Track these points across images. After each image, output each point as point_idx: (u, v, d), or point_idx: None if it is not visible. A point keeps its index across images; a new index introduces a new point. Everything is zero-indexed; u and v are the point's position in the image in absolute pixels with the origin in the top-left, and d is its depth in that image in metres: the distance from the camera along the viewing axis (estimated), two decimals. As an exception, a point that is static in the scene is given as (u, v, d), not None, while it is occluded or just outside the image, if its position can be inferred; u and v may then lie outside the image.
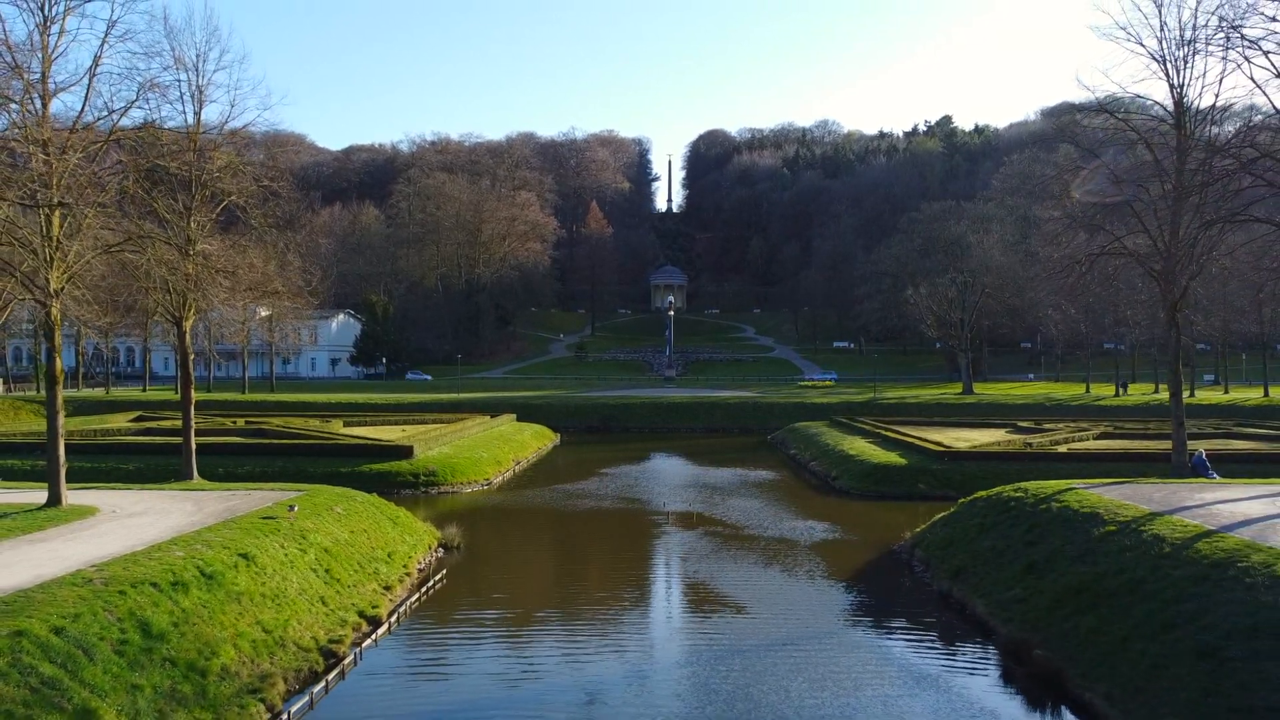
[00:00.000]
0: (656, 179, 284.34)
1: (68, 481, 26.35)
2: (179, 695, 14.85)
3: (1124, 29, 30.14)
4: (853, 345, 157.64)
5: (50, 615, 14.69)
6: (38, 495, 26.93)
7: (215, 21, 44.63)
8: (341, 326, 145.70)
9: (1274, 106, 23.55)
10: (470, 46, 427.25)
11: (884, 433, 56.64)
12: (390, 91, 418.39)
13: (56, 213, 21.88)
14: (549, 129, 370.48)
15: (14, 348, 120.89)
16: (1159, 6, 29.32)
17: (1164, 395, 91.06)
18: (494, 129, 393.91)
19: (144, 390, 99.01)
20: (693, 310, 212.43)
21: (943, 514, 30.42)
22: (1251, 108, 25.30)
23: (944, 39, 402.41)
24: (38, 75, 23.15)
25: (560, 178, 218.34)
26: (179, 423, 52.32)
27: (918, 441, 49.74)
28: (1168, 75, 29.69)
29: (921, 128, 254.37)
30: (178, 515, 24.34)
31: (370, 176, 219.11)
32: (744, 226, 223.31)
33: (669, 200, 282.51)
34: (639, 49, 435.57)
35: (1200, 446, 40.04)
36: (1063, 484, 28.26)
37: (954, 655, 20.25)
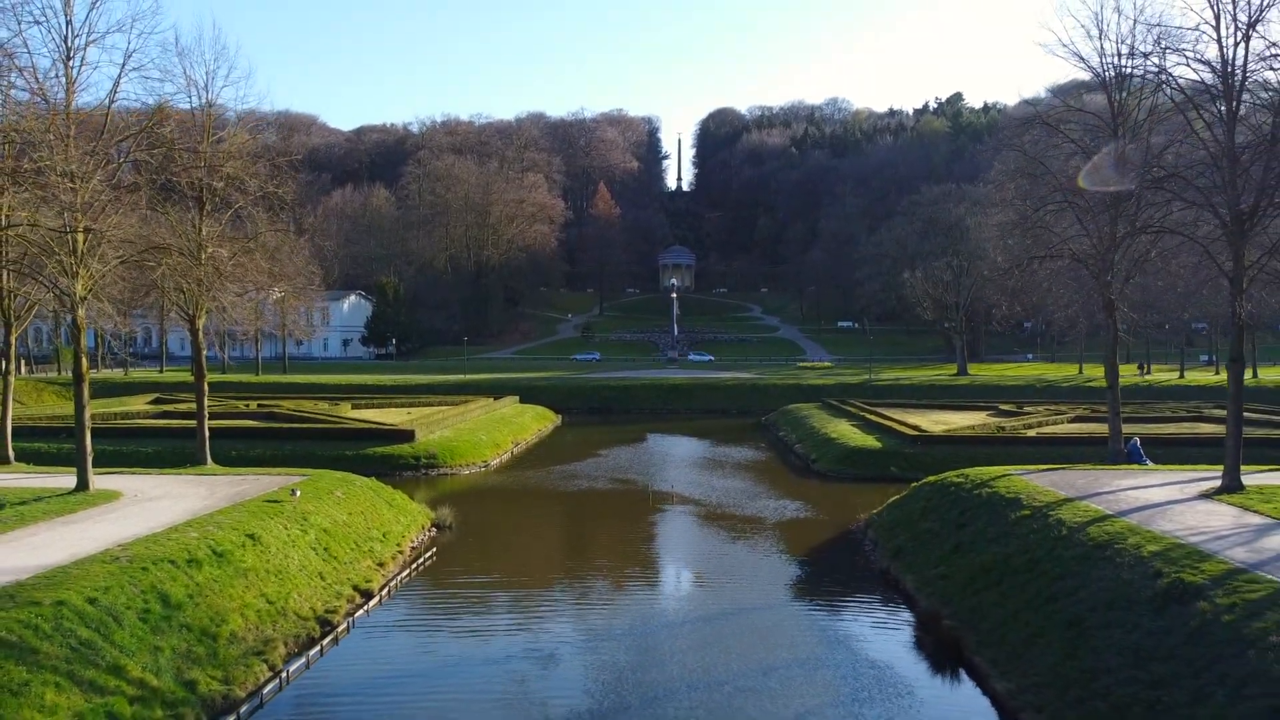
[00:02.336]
0: (666, 157, 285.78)
1: (93, 464, 29.05)
2: (194, 656, 17.53)
3: (1067, 46, 32.15)
4: (856, 325, 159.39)
5: (85, 588, 17.38)
6: (66, 480, 29.67)
7: (223, 40, 47.10)
8: (353, 308, 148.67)
9: (1191, 128, 25.67)
10: (481, 25, 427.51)
11: (867, 416, 58.95)
12: (401, 71, 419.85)
13: (81, 229, 24.40)
14: (558, 109, 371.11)
15: (35, 328, 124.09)
16: (1100, 28, 31.37)
17: (1154, 377, 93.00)
18: (504, 109, 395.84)
19: (161, 371, 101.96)
20: (701, 289, 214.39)
21: (896, 497, 32.84)
22: (1183, 125, 27.19)
23: (958, 13, 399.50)
24: (61, 103, 25.66)
25: (569, 158, 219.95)
26: (194, 405, 55.27)
27: (895, 425, 52.05)
28: (1107, 90, 31.75)
29: (932, 105, 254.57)
30: (192, 499, 27.06)
31: (381, 157, 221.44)
32: (752, 206, 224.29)
33: (678, 179, 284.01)
34: (649, 25, 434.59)
35: (1141, 432, 42.28)
36: (1000, 470, 30.66)
37: (877, 624, 22.83)
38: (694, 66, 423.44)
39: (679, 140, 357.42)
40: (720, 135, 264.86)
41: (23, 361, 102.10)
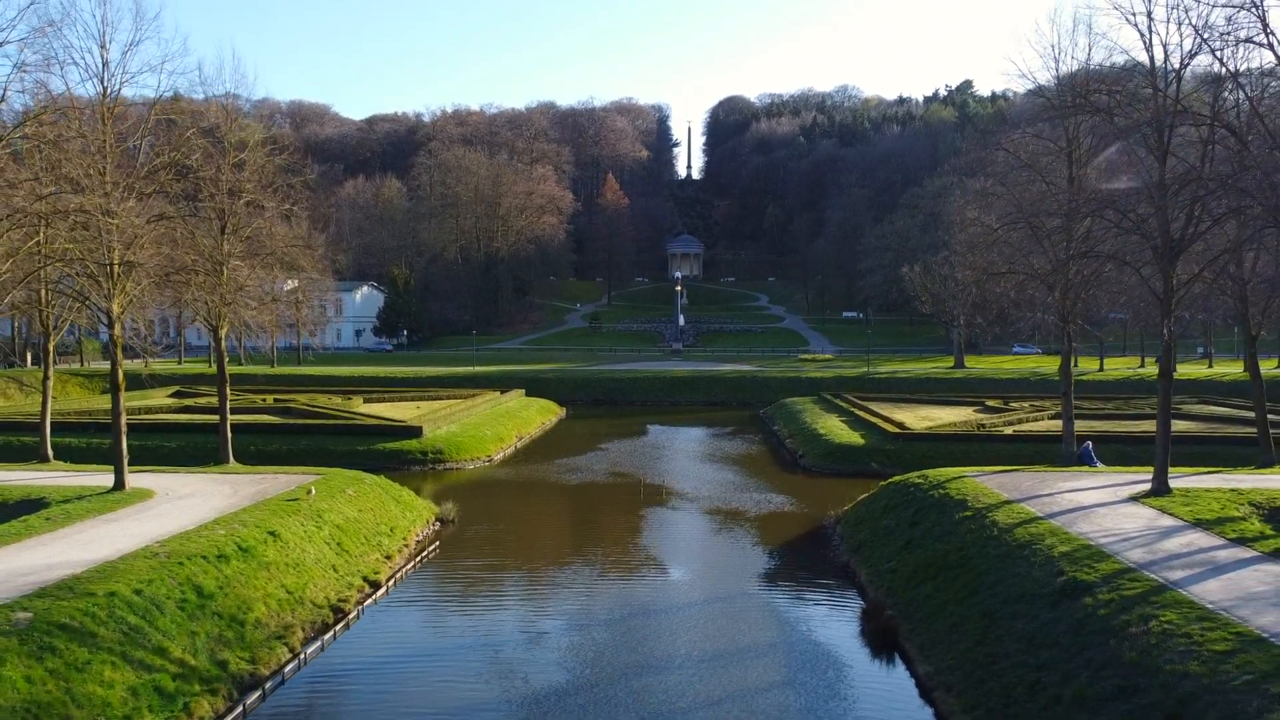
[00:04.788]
0: (677, 144, 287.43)
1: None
2: (224, 639, 20.32)
3: (1025, 75, 34.40)
4: (861, 315, 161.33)
5: (132, 580, 20.17)
6: (102, 478, 32.55)
7: (242, 69, 49.72)
8: (365, 298, 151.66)
9: (1129, 160, 28.00)
10: (492, 12, 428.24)
11: (856, 412, 61.26)
12: (411, 59, 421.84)
13: (118, 261, 27.11)
14: (568, 97, 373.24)
15: (56, 318, 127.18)
16: (1056, 60, 33.65)
17: (1147, 370, 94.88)
18: (514, 97, 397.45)
19: (179, 363, 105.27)
20: (709, 278, 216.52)
21: (865, 495, 35.35)
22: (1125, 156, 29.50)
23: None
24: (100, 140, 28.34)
25: (579, 147, 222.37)
26: (214, 400, 58.00)
27: (880, 422, 54.43)
28: (1063, 119, 34.01)
29: (942, 92, 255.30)
30: (218, 498, 29.87)
31: (392, 147, 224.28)
32: (761, 194, 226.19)
33: (688, 167, 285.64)
34: (660, 11, 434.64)
35: (1115, 429, 44.56)
36: (957, 471, 33.16)
37: (829, 612, 25.52)
38: (704, 53, 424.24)
39: (689, 128, 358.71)
40: (730, 123, 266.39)
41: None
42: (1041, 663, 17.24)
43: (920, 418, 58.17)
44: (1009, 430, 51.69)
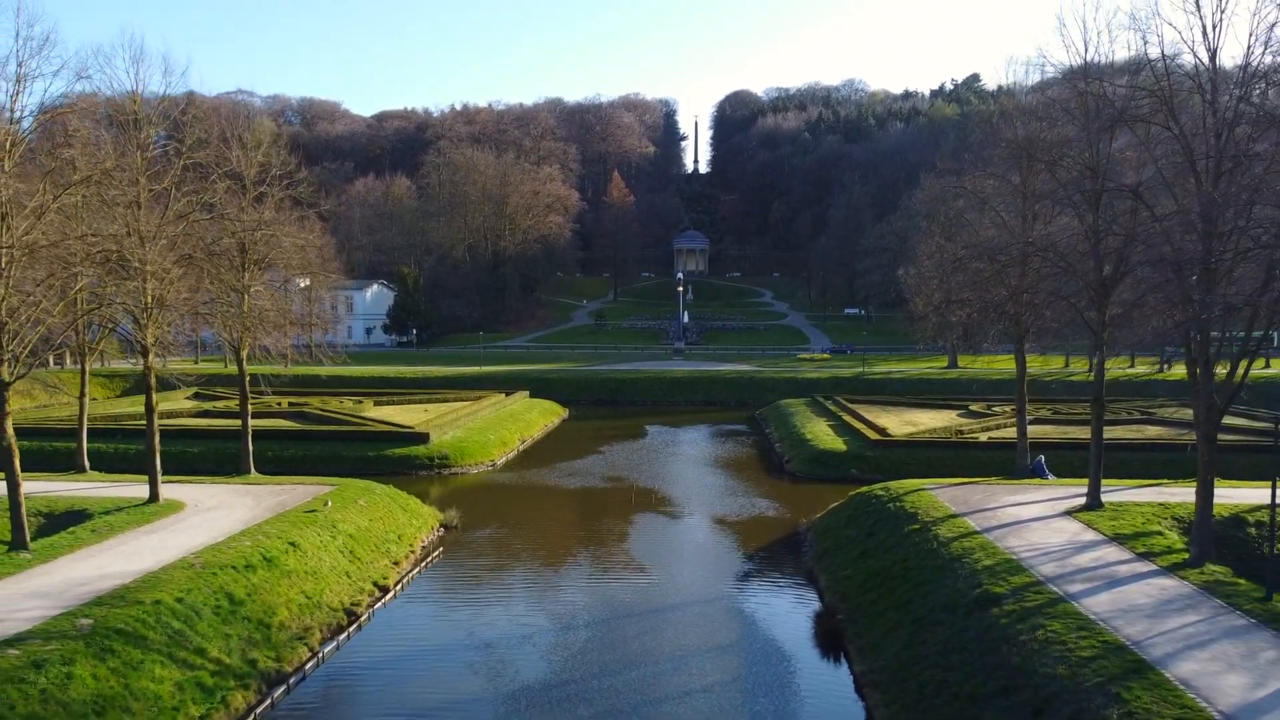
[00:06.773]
0: (684, 138, 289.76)
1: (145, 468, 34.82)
2: (253, 640, 23.43)
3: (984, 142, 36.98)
4: (862, 312, 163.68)
5: (173, 589, 23.30)
6: (135, 489, 35.78)
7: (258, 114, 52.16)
8: (375, 296, 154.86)
9: (1069, 205, 30.77)
10: (498, 9, 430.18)
11: (844, 416, 63.92)
12: (420, 55, 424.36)
13: (151, 298, 30.20)
14: (575, 93, 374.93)
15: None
16: (1013, 120, 36.49)
17: (1135, 371, 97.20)
18: (521, 93, 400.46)
19: (196, 362, 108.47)
20: (715, 273, 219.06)
21: (835, 504, 38.21)
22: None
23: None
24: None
25: (585, 144, 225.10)
26: (233, 403, 61.22)
27: (863, 427, 57.10)
28: (1020, 168, 36.92)
29: (948, 86, 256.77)
30: (243, 510, 32.99)
31: (401, 144, 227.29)
32: (766, 190, 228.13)
33: (695, 161, 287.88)
34: (666, 6, 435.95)
35: (1086, 437, 47.00)
36: (916, 484, 36.04)
37: (788, 615, 28.52)
38: (711, 48, 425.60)
39: (695, 122, 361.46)
40: (736, 118, 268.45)
41: (68, 353, 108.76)
42: (950, 665, 20.17)
43: (904, 422, 60.81)
44: (984, 437, 54.26)
